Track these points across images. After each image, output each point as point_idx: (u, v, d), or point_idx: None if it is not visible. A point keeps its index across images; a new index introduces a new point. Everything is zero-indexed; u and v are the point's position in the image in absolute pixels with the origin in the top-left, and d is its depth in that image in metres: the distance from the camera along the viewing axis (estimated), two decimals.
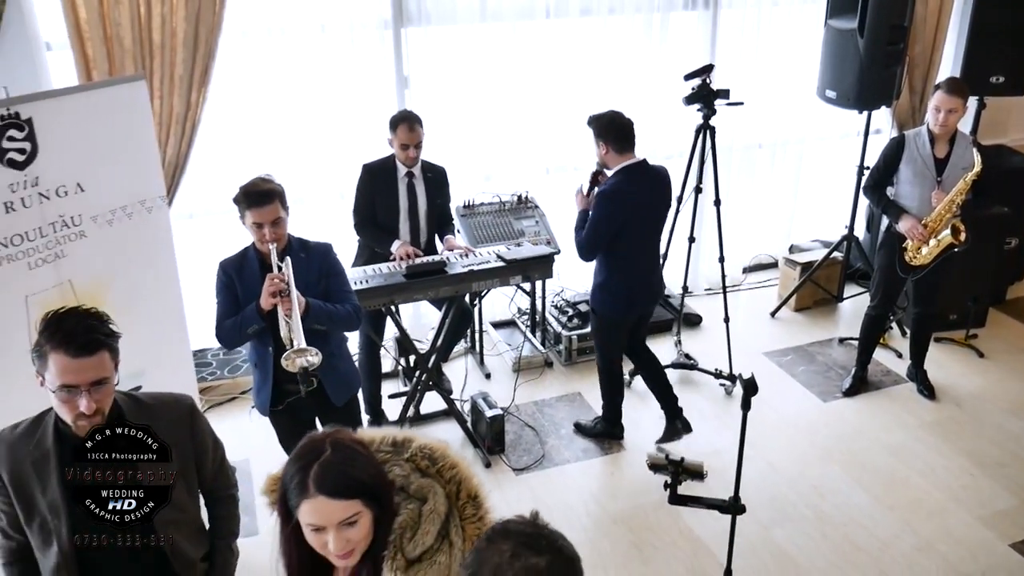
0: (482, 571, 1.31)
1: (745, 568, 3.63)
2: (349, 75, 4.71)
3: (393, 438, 1.74)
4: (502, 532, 1.35)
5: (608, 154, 3.91)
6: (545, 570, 1.30)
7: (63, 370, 1.96)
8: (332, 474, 1.58)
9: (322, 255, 3.17)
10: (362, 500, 1.60)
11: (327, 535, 1.57)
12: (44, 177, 2.61)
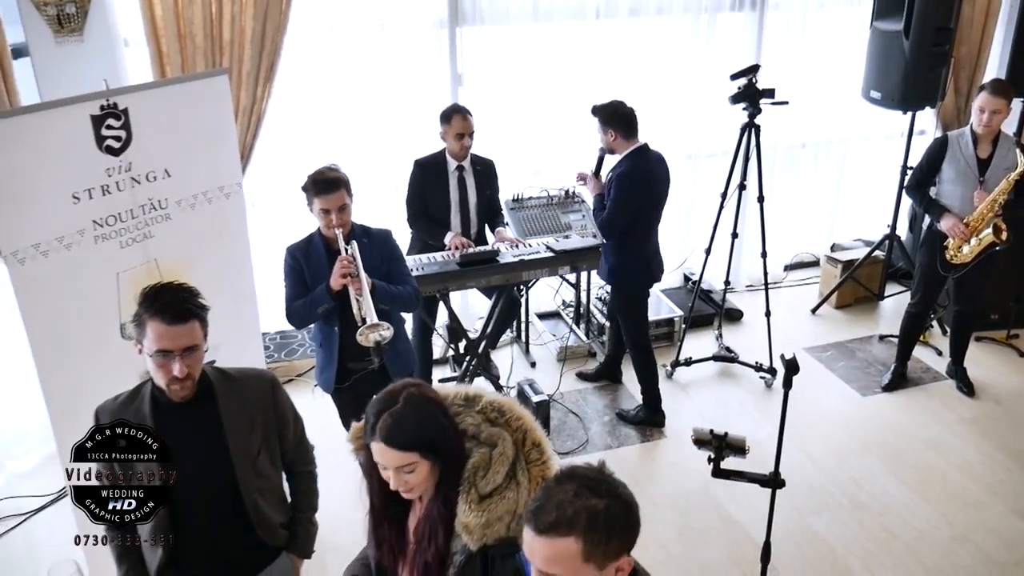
0: (547, 505, 1.49)
1: (783, 554, 3.76)
2: (406, 72, 4.91)
3: (466, 393, 1.93)
4: (569, 474, 1.52)
5: (616, 140, 4.19)
6: (603, 511, 1.47)
7: (160, 336, 2.15)
8: (394, 426, 1.79)
9: (383, 240, 3.36)
10: (419, 452, 1.81)
11: (389, 473, 1.77)
12: (136, 163, 2.84)
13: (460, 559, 1.86)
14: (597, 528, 1.45)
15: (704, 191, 5.65)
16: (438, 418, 1.86)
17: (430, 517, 1.88)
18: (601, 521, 1.45)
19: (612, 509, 1.47)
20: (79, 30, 4.04)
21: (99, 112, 2.71)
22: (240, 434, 2.28)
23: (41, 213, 2.65)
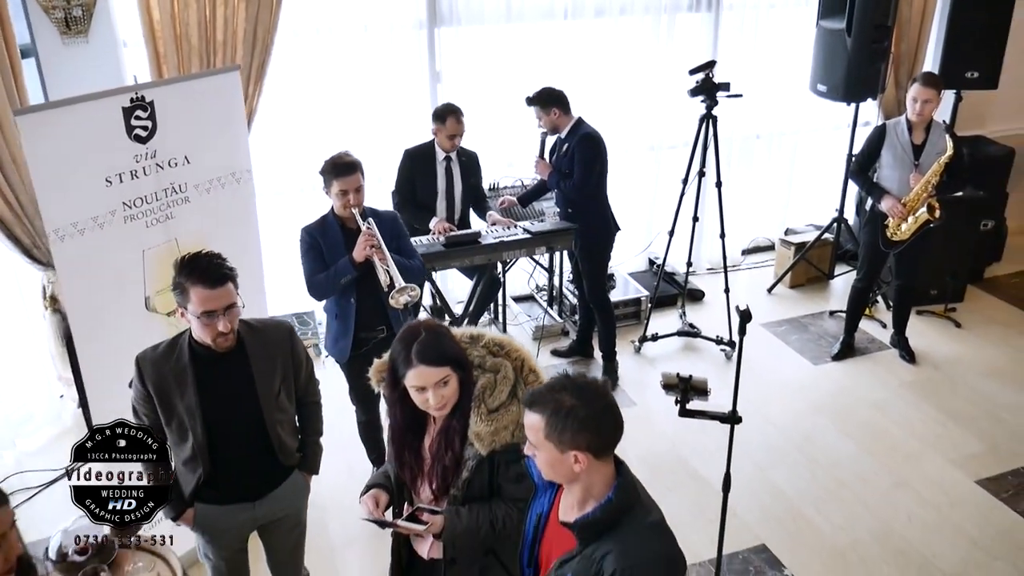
0: (538, 389, 1.89)
1: (744, 502, 4.16)
2: (388, 70, 5.23)
3: (470, 333, 2.32)
4: (567, 376, 1.89)
5: (560, 117, 4.73)
6: (568, 407, 1.82)
7: (203, 299, 2.47)
8: (428, 348, 2.15)
9: (392, 220, 3.72)
10: (451, 366, 2.18)
11: (427, 394, 2.15)
12: (160, 150, 3.14)
13: (472, 463, 2.22)
14: (559, 417, 1.82)
15: (666, 180, 6.05)
16: (455, 340, 2.22)
17: (447, 430, 2.24)
18: (562, 414, 1.82)
19: (577, 410, 1.82)
20: (84, 32, 4.30)
21: (129, 104, 3.01)
22: (265, 376, 2.62)
23: (79, 195, 2.95)
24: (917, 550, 3.90)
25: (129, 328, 3.17)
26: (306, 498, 2.97)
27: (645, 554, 1.81)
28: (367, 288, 3.54)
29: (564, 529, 1.93)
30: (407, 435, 2.28)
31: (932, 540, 3.95)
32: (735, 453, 3.37)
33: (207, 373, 2.57)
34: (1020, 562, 3.83)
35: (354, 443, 4.25)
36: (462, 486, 2.26)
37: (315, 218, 3.67)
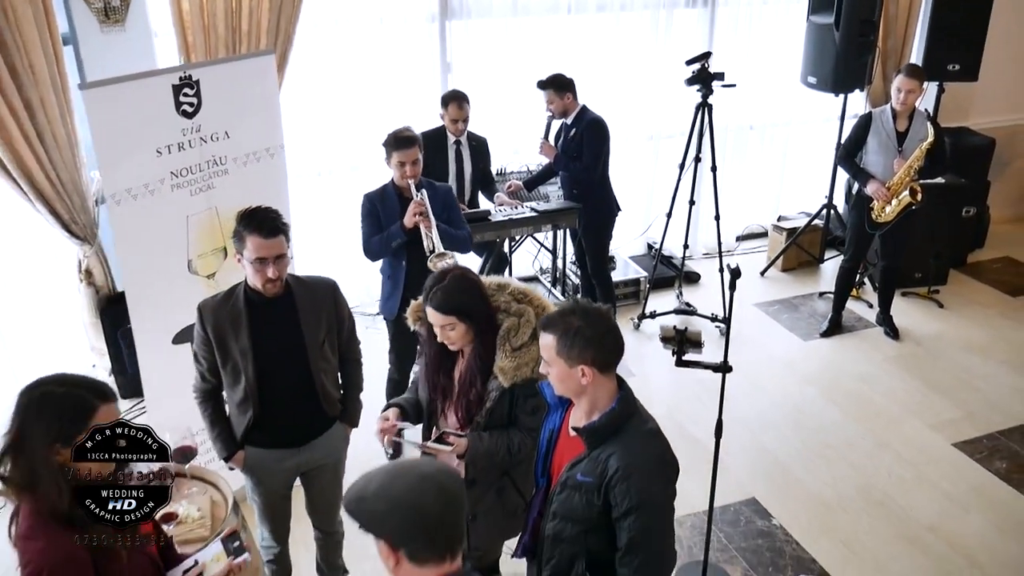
0: (551, 315, 2.20)
1: (738, 461, 4.48)
2: (402, 60, 5.54)
3: (498, 282, 2.62)
4: (575, 302, 2.19)
5: (571, 102, 5.11)
6: (576, 328, 2.12)
7: (257, 247, 2.78)
8: (438, 296, 2.49)
9: (446, 193, 4.07)
10: (456, 316, 2.49)
11: (438, 330, 2.46)
12: (204, 125, 3.44)
13: (494, 395, 2.53)
14: (568, 336, 2.12)
15: (664, 168, 6.35)
16: (473, 293, 2.53)
17: (471, 367, 2.55)
18: (571, 333, 2.12)
19: (584, 330, 2.12)
20: (122, 21, 4.60)
21: (178, 82, 3.31)
22: (311, 325, 2.91)
23: (133, 164, 3.24)
24: (896, 502, 4.21)
25: (173, 288, 3.47)
26: (345, 449, 3.24)
27: (643, 454, 2.11)
28: (417, 253, 3.86)
29: (572, 441, 2.24)
30: (441, 361, 2.59)
31: (910, 494, 4.26)
32: (729, 419, 3.66)
33: (259, 318, 2.87)
34: (991, 514, 4.14)
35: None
36: (484, 415, 2.57)
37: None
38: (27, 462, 1.96)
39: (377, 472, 1.72)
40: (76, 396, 2.01)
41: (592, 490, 2.14)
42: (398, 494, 1.67)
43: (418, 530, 1.66)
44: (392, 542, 1.67)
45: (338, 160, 5.65)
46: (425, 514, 1.65)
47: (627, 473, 2.08)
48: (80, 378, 2.08)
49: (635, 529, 2.10)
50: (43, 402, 1.99)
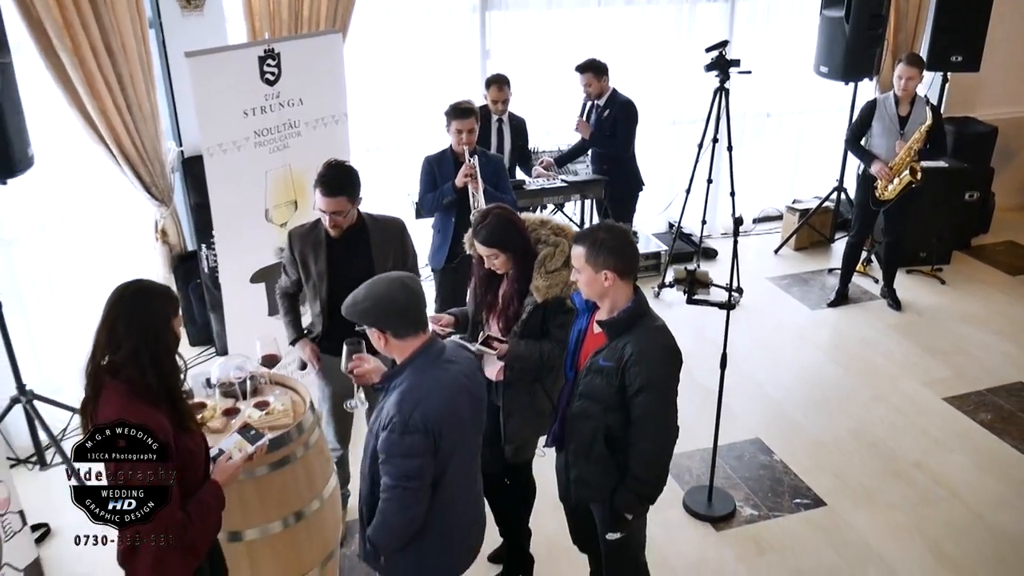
0: (582, 231, 2.68)
1: (744, 407, 4.96)
2: (445, 47, 6.08)
3: (540, 219, 3.13)
4: (600, 222, 2.70)
5: (606, 84, 5.63)
6: (601, 239, 2.61)
7: (319, 202, 3.32)
8: (482, 232, 3.00)
9: (497, 162, 4.61)
10: (497, 248, 3.00)
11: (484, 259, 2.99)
12: (283, 92, 3.99)
13: (529, 309, 3.05)
14: (595, 247, 2.61)
15: (685, 151, 6.82)
16: (510, 229, 3.03)
17: (511, 289, 3.07)
18: (597, 244, 2.61)
19: (607, 242, 2.62)
20: (200, 7, 5.18)
21: (263, 54, 3.87)
22: (380, 256, 3.43)
23: (225, 122, 3.80)
24: (886, 444, 4.67)
25: (253, 234, 4.03)
26: None
27: (653, 343, 2.62)
28: (464, 211, 4.39)
29: (596, 337, 2.75)
30: (490, 282, 3.11)
31: (900, 438, 4.72)
32: (739, 375, 4.19)
33: (336, 248, 3.40)
34: (973, 456, 4.58)
35: None
36: (521, 326, 3.09)
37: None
38: (143, 344, 2.27)
39: (361, 287, 2.50)
40: (161, 286, 2.43)
41: (611, 373, 2.65)
42: (377, 293, 2.45)
43: (394, 315, 2.43)
44: (380, 327, 2.45)
45: (385, 138, 6.20)
46: (398, 303, 2.42)
47: (639, 358, 2.59)
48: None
49: (645, 404, 2.61)
50: (149, 293, 2.34)
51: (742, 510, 4.17)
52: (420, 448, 2.36)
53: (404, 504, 2.42)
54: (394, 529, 2.47)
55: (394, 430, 2.36)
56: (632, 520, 2.84)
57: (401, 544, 2.51)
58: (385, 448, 2.39)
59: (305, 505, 3.21)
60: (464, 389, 2.51)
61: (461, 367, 2.55)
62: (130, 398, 2.29)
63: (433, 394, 2.40)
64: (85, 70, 4.60)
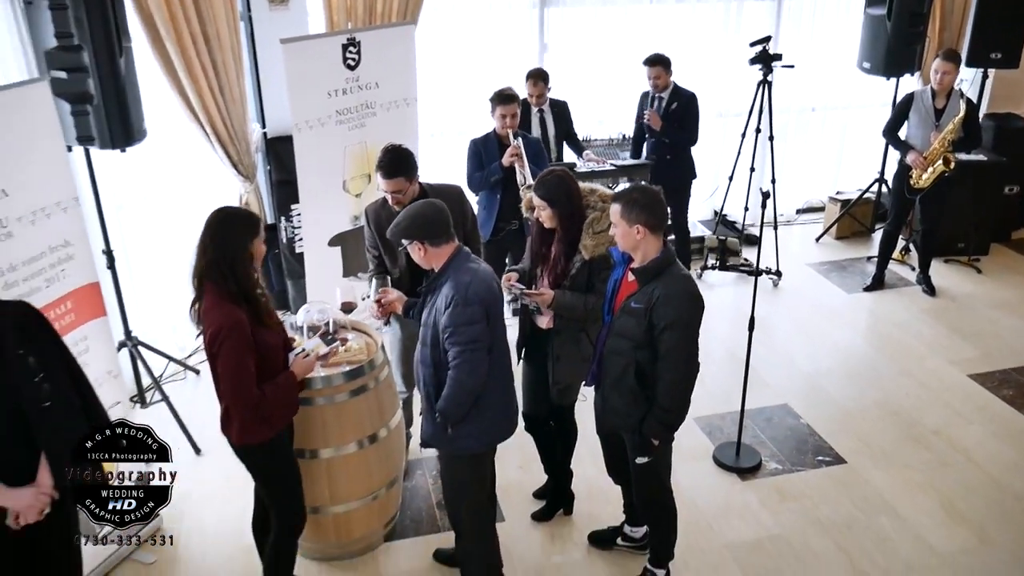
0: (614, 196, 3.11)
1: (774, 375, 5.32)
2: (505, 40, 6.54)
3: (590, 187, 3.54)
4: (627, 187, 3.13)
5: (671, 77, 5.94)
6: (634, 198, 3.02)
7: (380, 182, 3.79)
8: (542, 185, 3.45)
9: (537, 143, 5.06)
10: (547, 201, 3.43)
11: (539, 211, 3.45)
12: (362, 76, 4.50)
13: (577, 265, 3.48)
14: (629, 204, 3.02)
15: (731, 142, 7.17)
16: (562, 189, 3.46)
17: (560, 248, 3.51)
18: (631, 201, 3.03)
19: (640, 200, 3.03)
20: (286, 2, 5.73)
21: (346, 42, 4.38)
22: None
23: (311, 102, 4.32)
24: (909, 413, 4.98)
25: (333, 203, 4.55)
26: None
27: (679, 288, 3.04)
28: (510, 190, 4.84)
29: (630, 285, 3.17)
30: (545, 238, 3.55)
31: (923, 408, 5.03)
32: (772, 348, 4.56)
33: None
34: (991, 426, 4.87)
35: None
36: (569, 280, 3.53)
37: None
38: (225, 256, 2.90)
39: (402, 212, 3.17)
40: (246, 213, 3.12)
41: (641, 313, 3.07)
42: (409, 213, 3.11)
43: (426, 226, 3.05)
44: (419, 239, 3.06)
45: (448, 124, 6.68)
46: (427, 216, 3.06)
47: (666, 300, 3.01)
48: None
49: (670, 341, 3.03)
50: (232, 218, 3.01)
51: (767, 464, 4.54)
52: (479, 315, 3.01)
53: (473, 364, 3.02)
54: (466, 388, 3.05)
55: (457, 304, 2.97)
56: (658, 446, 3.26)
57: (467, 409, 3.09)
58: (451, 321, 2.98)
59: (375, 431, 3.70)
60: (493, 279, 3.17)
61: (485, 266, 3.21)
62: (220, 298, 2.92)
63: (476, 279, 3.06)
64: (185, 57, 5.16)
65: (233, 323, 2.88)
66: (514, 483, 4.35)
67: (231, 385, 2.93)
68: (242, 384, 2.91)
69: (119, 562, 3.90)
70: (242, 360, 2.90)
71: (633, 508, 3.83)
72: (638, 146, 6.40)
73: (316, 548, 3.87)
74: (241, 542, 3.97)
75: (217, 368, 2.94)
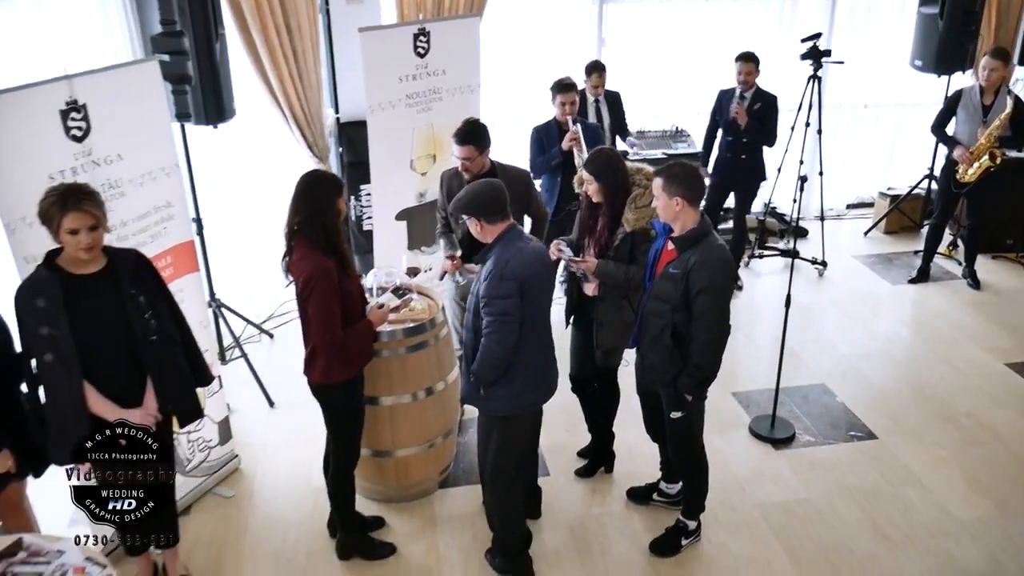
0: (656, 172, 3.42)
1: (813, 357, 5.55)
2: (565, 34, 6.87)
3: (636, 167, 3.85)
4: (669, 163, 3.43)
5: (758, 76, 6.14)
6: (675, 172, 3.33)
7: (453, 148, 4.14)
8: (591, 161, 3.77)
9: (594, 128, 5.38)
10: (594, 176, 3.74)
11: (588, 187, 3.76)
12: (430, 65, 4.88)
13: (620, 236, 3.80)
14: (669, 178, 3.33)
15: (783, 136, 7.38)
16: (609, 165, 3.77)
17: (604, 223, 3.83)
18: (671, 174, 3.34)
19: (679, 174, 3.34)
20: None
21: (417, 31, 4.77)
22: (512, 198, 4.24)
23: (384, 86, 4.72)
24: (942, 396, 5.18)
25: (399, 179, 4.94)
26: None
27: (713, 256, 3.34)
28: (569, 174, 5.16)
29: (669, 253, 3.48)
30: (592, 211, 3.88)
31: (956, 393, 5.22)
32: (813, 332, 4.83)
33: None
34: (1022, 410, 5.04)
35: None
36: (613, 251, 3.85)
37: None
38: (322, 215, 3.31)
39: (466, 188, 3.44)
40: (331, 176, 3.53)
41: (678, 279, 3.38)
42: (471, 190, 3.37)
43: (483, 204, 3.31)
44: (476, 215, 3.32)
45: (509, 113, 7.03)
46: (485, 195, 3.32)
47: (701, 266, 3.31)
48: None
49: (704, 304, 3.33)
50: (319, 179, 3.42)
51: (800, 436, 4.79)
52: (512, 290, 3.25)
53: (503, 335, 3.29)
54: (495, 355, 3.32)
55: (494, 278, 3.26)
56: (692, 401, 3.56)
57: (497, 375, 3.37)
58: (487, 292, 3.28)
59: (433, 384, 4.08)
60: (538, 259, 3.39)
61: (534, 244, 3.45)
62: (310, 250, 3.34)
63: (517, 257, 3.30)
64: (269, 45, 5.61)
65: (323, 271, 3.29)
66: (560, 444, 4.69)
67: (320, 326, 3.33)
68: (330, 326, 3.32)
69: (202, 495, 4.34)
70: (330, 304, 3.30)
71: (669, 465, 4.14)
72: (710, 143, 6.49)
73: (378, 490, 4.26)
74: (310, 484, 4.40)
75: (308, 311, 3.35)
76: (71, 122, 3.32)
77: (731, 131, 6.26)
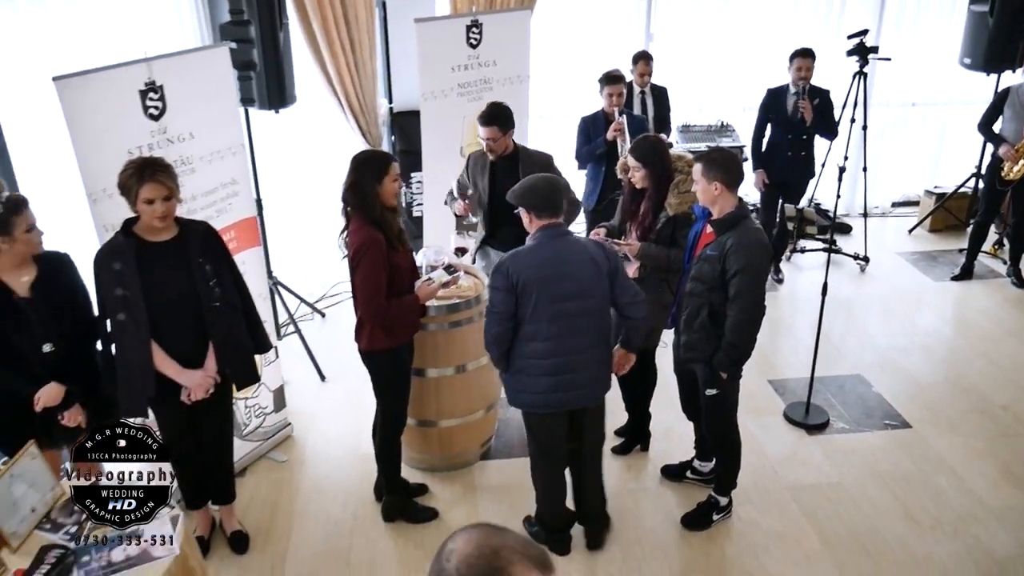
0: (696, 157, 3.56)
1: (853, 349, 5.63)
2: (614, 28, 7.01)
3: (678, 155, 4.00)
4: (708, 150, 3.57)
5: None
6: (713, 157, 3.49)
7: (479, 129, 4.33)
8: (637, 148, 3.92)
9: (641, 120, 5.55)
10: (641, 163, 3.90)
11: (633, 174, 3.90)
12: (482, 55, 5.09)
13: (663, 220, 3.95)
14: (709, 163, 3.48)
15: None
16: (654, 152, 3.93)
17: (648, 206, 3.98)
18: (711, 160, 3.48)
19: (718, 160, 3.48)
20: None
21: (470, 23, 4.97)
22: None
23: (437, 75, 4.94)
24: (978, 389, 5.23)
25: (449, 164, 5.15)
26: None
27: (750, 239, 3.48)
28: (614, 164, 5.31)
29: (708, 236, 3.63)
30: (635, 196, 4.04)
31: (993, 386, 5.26)
32: (853, 325, 4.91)
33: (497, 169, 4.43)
34: None
35: None
36: (655, 235, 4.00)
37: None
38: (363, 191, 3.53)
39: (525, 180, 3.53)
40: (381, 155, 3.72)
41: (716, 260, 3.52)
42: (527, 183, 3.47)
43: (534, 199, 3.40)
44: (528, 208, 3.42)
45: (556, 106, 7.20)
46: (538, 191, 3.41)
47: (738, 248, 3.45)
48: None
49: (740, 284, 3.47)
50: (366, 160, 3.62)
51: (835, 423, 4.89)
52: (501, 284, 3.38)
53: (488, 323, 3.48)
54: (487, 341, 3.51)
55: (493, 268, 3.46)
56: (726, 379, 3.70)
57: (495, 359, 3.56)
58: (487, 282, 3.42)
59: (474, 360, 4.28)
60: (552, 261, 3.36)
61: (558, 245, 3.40)
62: (362, 222, 3.56)
63: (525, 255, 3.39)
64: (328, 37, 5.85)
65: (372, 241, 3.50)
66: None
67: (365, 294, 3.55)
68: (373, 294, 3.53)
69: (257, 458, 4.60)
70: (376, 273, 3.51)
71: (703, 444, 4.28)
72: (759, 141, 6.39)
73: (423, 459, 4.47)
74: (358, 452, 4.63)
75: (356, 279, 3.56)
76: (149, 101, 3.59)
77: (792, 128, 6.25)
